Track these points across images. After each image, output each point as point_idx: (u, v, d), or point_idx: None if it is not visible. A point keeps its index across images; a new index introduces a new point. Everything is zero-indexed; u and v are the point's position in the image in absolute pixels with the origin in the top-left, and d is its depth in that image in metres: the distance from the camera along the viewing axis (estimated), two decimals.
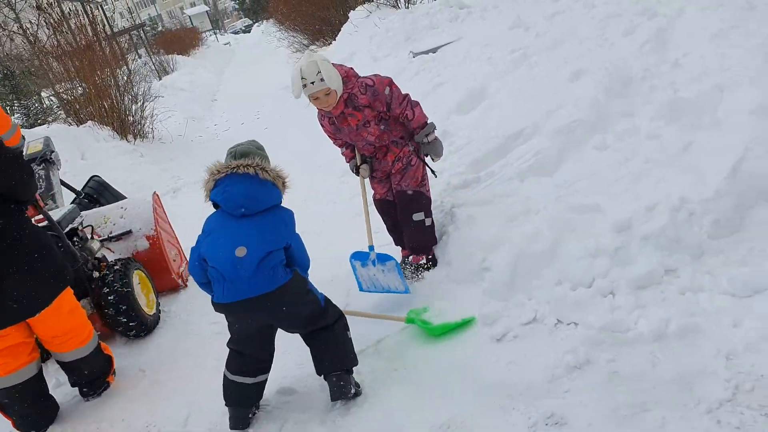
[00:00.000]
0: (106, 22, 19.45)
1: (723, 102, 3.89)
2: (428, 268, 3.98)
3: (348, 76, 3.67)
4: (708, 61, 4.30)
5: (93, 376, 3.68)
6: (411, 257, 4.02)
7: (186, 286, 5.00)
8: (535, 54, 5.77)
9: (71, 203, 5.02)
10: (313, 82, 3.51)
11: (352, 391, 3.06)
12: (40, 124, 11.37)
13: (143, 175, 8.20)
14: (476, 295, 3.54)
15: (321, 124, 3.95)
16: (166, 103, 11.98)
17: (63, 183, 6.12)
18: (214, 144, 10.12)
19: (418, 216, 3.91)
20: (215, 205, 3.03)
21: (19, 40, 13.82)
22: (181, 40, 29.81)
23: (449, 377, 3.05)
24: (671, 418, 2.40)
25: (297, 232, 3.08)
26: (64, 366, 3.61)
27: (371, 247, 3.77)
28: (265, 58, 23.07)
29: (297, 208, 3.17)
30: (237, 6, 59.74)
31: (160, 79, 18.63)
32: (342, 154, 4.11)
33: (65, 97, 10.54)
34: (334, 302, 3.18)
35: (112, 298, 4.10)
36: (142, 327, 4.23)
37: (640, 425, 2.42)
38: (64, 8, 15.10)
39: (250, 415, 3.15)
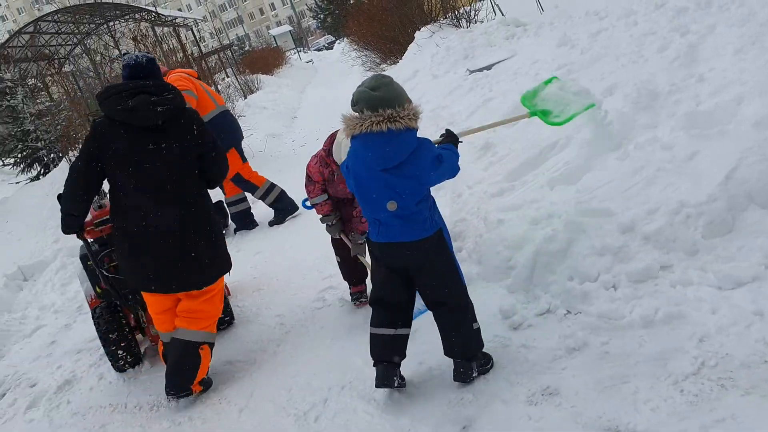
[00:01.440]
0: (196, 43, 20.78)
1: (738, 114, 4.21)
2: None
3: None
4: (730, 74, 4.59)
5: (178, 371, 3.92)
6: None
7: (229, 294, 5.47)
8: (577, 70, 6.14)
9: None
10: None
11: (474, 375, 3.27)
12: None
13: None
14: (500, 291, 4.02)
15: (317, 169, 4.21)
16: (248, 122, 12.85)
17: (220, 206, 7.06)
18: (291, 159, 10.87)
19: None
20: None
21: (118, 65, 15.04)
22: (266, 60, 31.11)
23: None
24: (642, 387, 2.81)
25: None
26: (168, 345, 4.02)
27: None
28: (343, 75, 23.92)
29: None
30: (319, 24, 61.46)
31: (246, 98, 19.52)
32: (319, 203, 4.35)
33: None
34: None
35: None
36: (232, 320, 4.98)
37: (617, 393, 2.85)
38: (157, 31, 16.32)
39: (394, 377, 3.32)
